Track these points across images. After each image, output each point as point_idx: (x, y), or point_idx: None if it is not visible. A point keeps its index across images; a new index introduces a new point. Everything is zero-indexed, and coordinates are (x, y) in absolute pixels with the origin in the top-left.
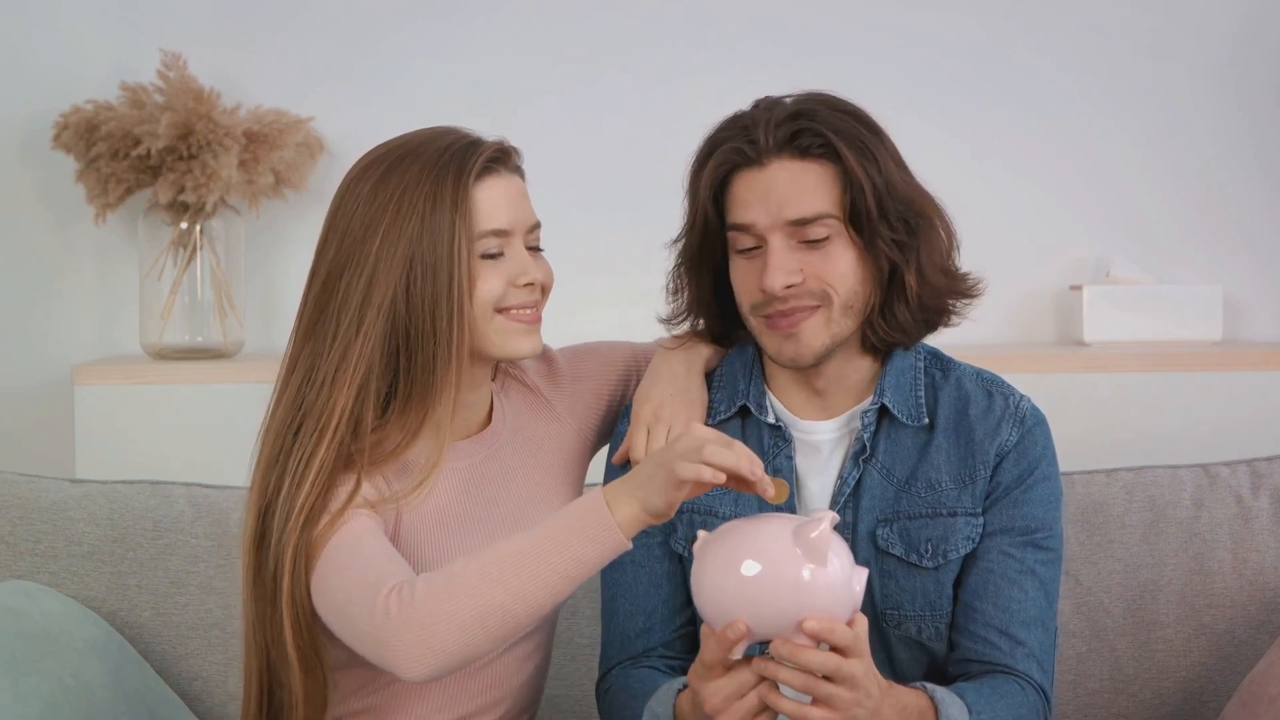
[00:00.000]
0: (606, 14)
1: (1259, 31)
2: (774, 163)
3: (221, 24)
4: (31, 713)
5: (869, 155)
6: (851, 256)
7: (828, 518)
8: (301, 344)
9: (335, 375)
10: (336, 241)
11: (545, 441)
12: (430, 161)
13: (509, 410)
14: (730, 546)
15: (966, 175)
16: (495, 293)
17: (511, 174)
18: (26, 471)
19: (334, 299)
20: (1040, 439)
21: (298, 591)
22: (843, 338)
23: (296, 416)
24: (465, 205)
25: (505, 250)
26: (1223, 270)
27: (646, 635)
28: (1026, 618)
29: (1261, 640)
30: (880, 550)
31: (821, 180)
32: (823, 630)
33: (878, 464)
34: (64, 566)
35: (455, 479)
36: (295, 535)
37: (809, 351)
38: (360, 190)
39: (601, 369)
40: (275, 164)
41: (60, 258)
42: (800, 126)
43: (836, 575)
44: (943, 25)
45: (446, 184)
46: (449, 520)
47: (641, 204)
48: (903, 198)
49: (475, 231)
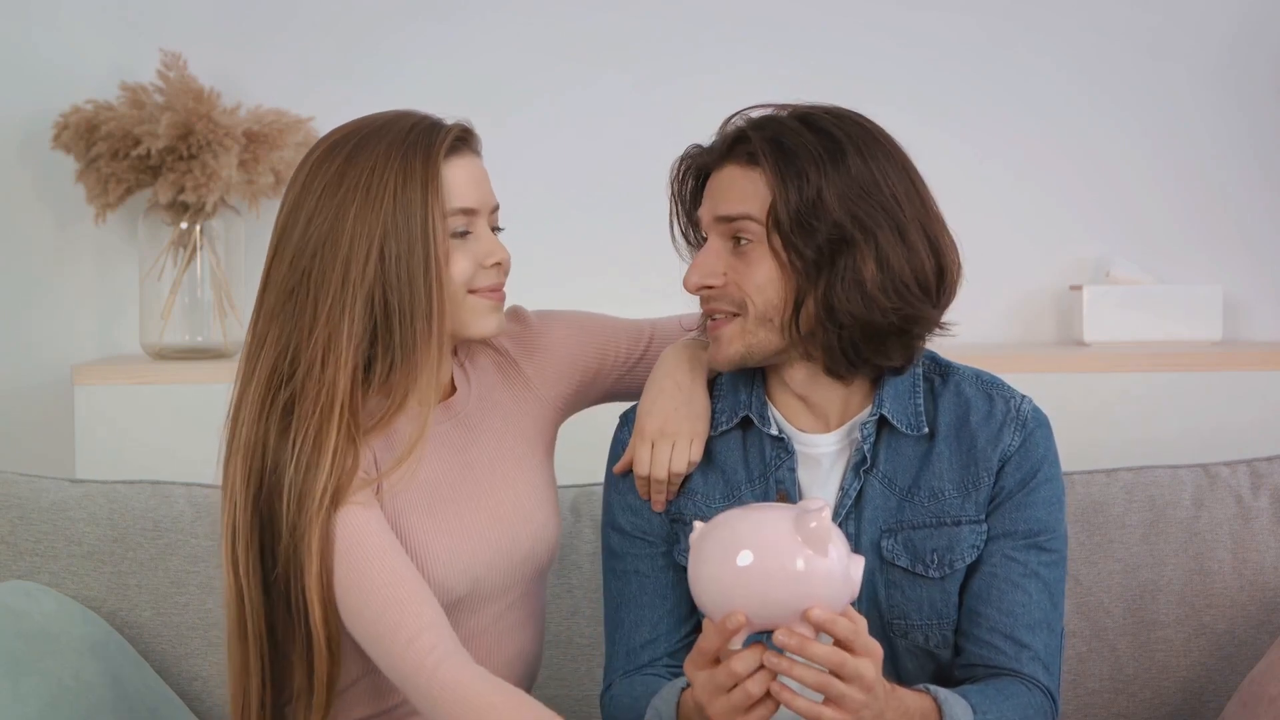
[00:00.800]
0: (606, 14)
1: (1259, 31)
2: (726, 166)
3: (221, 24)
4: (31, 713)
5: (801, 172)
6: (771, 267)
7: (825, 506)
8: (267, 324)
9: (328, 356)
10: (303, 223)
11: (514, 406)
12: (397, 140)
13: (474, 376)
14: (728, 536)
15: (966, 175)
16: (466, 273)
17: (475, 155)
18: (26, 471)
19: (307, 280)
20: (1042, 441)
21: (325, 574)
22: (761, 350)
23: (281, 398)
24: (435, 182)
25: (472, 229)
26: (1223, 270)
27: (652, 646)
28: (1031, 621)
29: (1261, 640)
30: (885, 561)
31: (757, 186)
32: (826, 620)
33: (879, 474)
34: (64, 566)
35: (427, 448)
36: (320, 517)
37: (723, 357)
38: (325, 171)
39: (575, 337)
40: (275, 164)
41: (60, 258)
42: (749, 136)
43: (835, 564)
44: (943, 25)
45: (415, 161)
46: (424, 489)
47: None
48: (832, 220)
49: (446, 209)
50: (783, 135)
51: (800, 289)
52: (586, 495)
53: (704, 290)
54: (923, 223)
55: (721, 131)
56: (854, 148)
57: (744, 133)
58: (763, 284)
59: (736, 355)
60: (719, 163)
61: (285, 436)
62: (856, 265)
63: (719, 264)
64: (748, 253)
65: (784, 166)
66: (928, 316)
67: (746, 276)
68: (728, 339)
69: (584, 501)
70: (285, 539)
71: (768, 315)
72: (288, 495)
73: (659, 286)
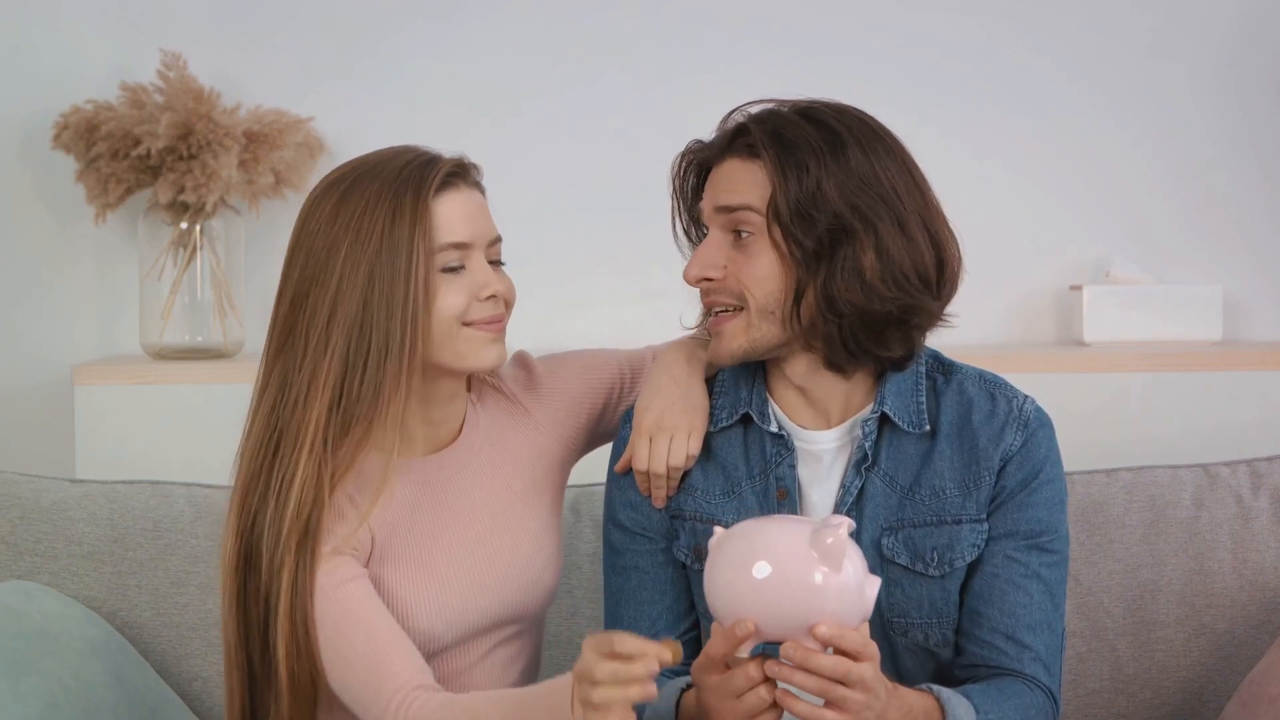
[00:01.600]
0: (606, 14)
1: (1259, 31)
2: (727, 160)
3: (221, 24)
4: (31, 713)
5: (802, 164)
6: (772, 259)
7: (845, 524)
8: (272, 363)
9: (308, 393)
10: (301, 262)
11: (523, 448)
12: (390, 179)
13: (484, 418)
14: (746, 545)
15: (966, 175)
16: (458, 306)
17: (471, 188)
18: (26, 471)
19: (301, 318)
20: (1044, 441)
21: (298, 614)
22: (764, 343)
23: (273, 435)
24: (424, 220)
25: (466, 263)
26: (1223, 270)
27: None
28: (1032, 621)
29: (1261, 640)
30: (886, 559)
31: (757, 178)
32: (833, 637)
33: (880, 472)
34: (64, 566)
35: (427, 493)
36: (291, 555)
37: (726, 352)
38: (322, 210)
39: (581, 376)
40: (275, 164)
41: (60, 258)
42: (750, 128)
43: (850, 581)
44: (943, 25)
45: (405, 200)
46: (420, 539)
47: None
48: (831, 211)
49: (435, 245)
50: (783, 128)
51: (800, 280)
52: (587, 495)
53: (704, 282)
54: (923, 216)
55: (722, 126)
56: (854, 140)
57: (744, 126)
58: (763, 276)
59: (740, 350)
60: (720, 156)
61: (270, 475)
62: (856, 255)
63: (719, 256)
64: (748, 245)
65: (784, 158)
66: (928, 308)
67: (747, 269)
68: (730, 334)
69: (584, 501)
70: (264, 575)
71: (769, 308)
72: (267, 532)
73: (659, 286)
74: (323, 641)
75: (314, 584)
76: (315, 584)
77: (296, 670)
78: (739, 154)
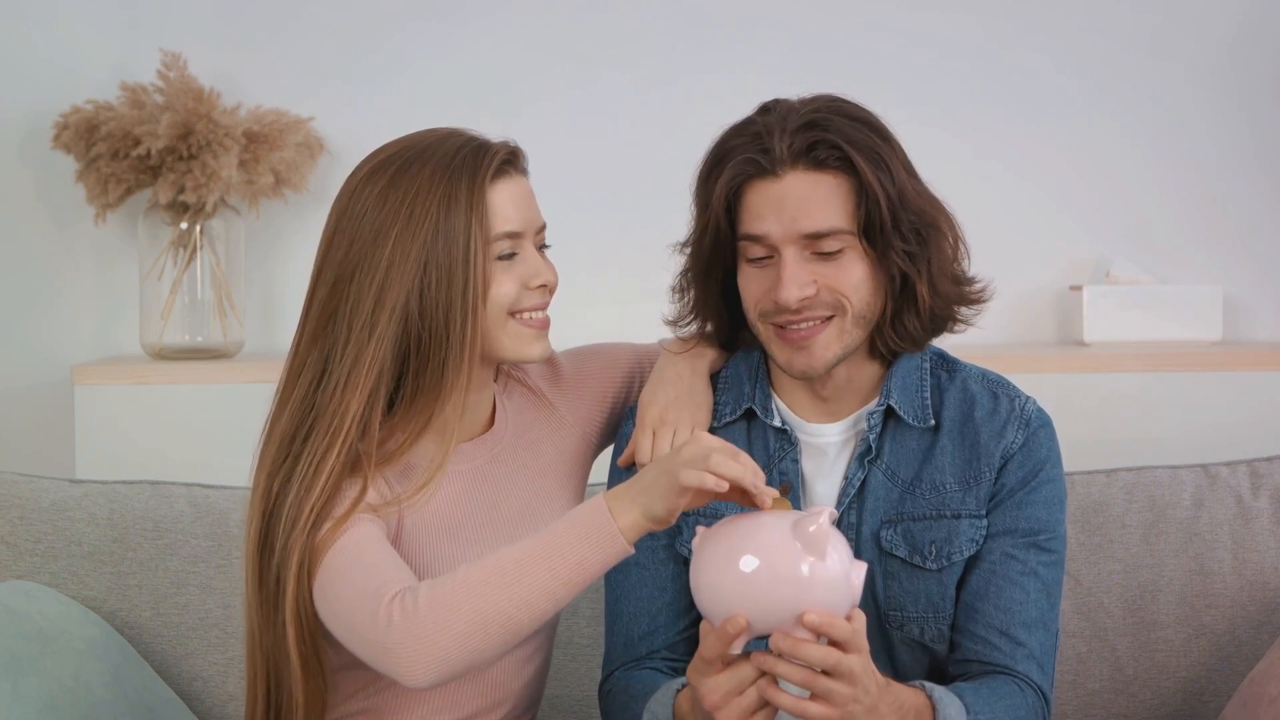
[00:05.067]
0: (606, 14)
1: (1259, 31)
2: (789, 174)
3: (221, 24)
4: (31, 713)
5: (883, 166)
6: (864, 268)
7: (825, 512)
8: (309, 347)
9: (348, 379)
10: (345, 245)
11: (548, 444)
12: (442, 164)
13: (511, 412)
14: (729, 542)
15: (966, 175)
16: (509, 295)
17: (521, 175)
18: (26, 471)
19: (344, 303)
20: (1045, 441)
21: (302, 595)
22: (853, 348)
23: (307, 420)
24: (481, 208)
25: (518, 251)
26: (1223, 270)
27: (650, 638)
28: (1027, 619)
29: (1261, 640)
30: (884, 552)
31: (836, 193)
32: (822, 624)
33: (882, 465)
34: (64, 566)
35: (458, 482)
36: (302, 539)
37: (820, 363)
38: (368, 193)
39: (604, 371)
40: (275, 164)
41: (60, 258)
42: (816, 138)
43: (835, 569)
44: (943, 25)
45: (461, 186)
46: (451, 523)
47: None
48: (914, 208)
49: (491, 234)
50: (850, 133)
51: (893, 281)
52: (589, 490)
53: (803, 301)
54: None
55: (759, 140)
56: (885, 129)
57: (815, 137)
58: (858, 283)
59: (834, 358)
60: (770, 172)
61: (299, 459)
62: (940, 246)
63: (806, 272)
64: (837, 258)
65: (873, 165)
66: (974, 280)
67: (840, 279)
68: (824, 344)
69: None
70: (277, 557)
71: (863, 313)
72: (285, 516)
73: (659, 286)
74: (320, 582)
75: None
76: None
77: (305, 653)
78: (805, 167)
